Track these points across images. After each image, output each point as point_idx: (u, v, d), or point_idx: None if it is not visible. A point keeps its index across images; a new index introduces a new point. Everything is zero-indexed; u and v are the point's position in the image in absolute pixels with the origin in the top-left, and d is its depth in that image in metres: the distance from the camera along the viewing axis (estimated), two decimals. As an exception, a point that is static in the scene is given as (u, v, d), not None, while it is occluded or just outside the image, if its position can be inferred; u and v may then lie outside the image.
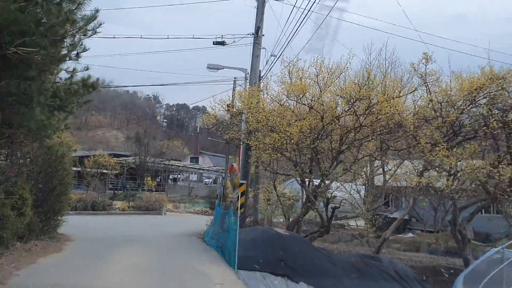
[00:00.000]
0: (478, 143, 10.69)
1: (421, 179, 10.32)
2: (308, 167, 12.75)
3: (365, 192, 17.44)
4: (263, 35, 14.94)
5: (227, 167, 17.24)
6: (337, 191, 15.05)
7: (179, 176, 60.58)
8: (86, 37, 6.97)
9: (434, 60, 11.58)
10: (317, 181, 13.28)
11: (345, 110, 11.63)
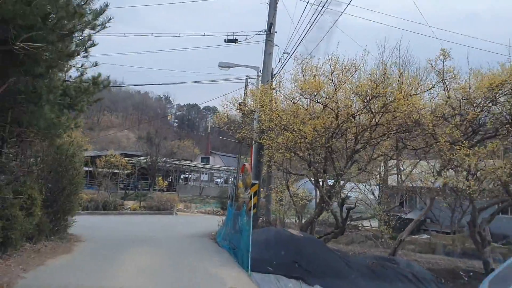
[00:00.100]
0: (499, 142, 10.35)
1: (444, 180, 9.99)
2: (322, 166, 12.46)
3: (379, 192, 17.10)
4: (276, 32, 14.64)
5: (239, 166, 16.98)
6: (352, 192, 14.69)
7: (190, 176, 60.65)
8: (95, 32, 6.78)
9: (452, 57, 11.33)
10: (331, 181, 13.01)
11: (360, 108, 11.31)
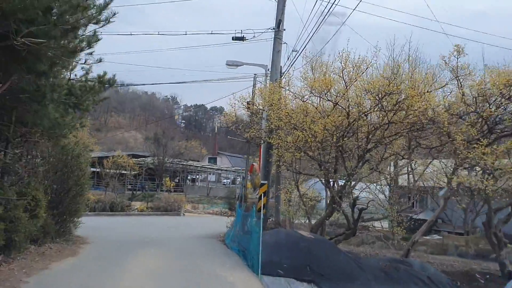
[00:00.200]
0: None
1: (460, 179, 9.65)
2: (333, 166, 12.16)
3: (389, 192, 16.77)
4: (284, 30, 14.32)
5: (248, 167, 16.71)
6: (362, 192, 14.35)
7: (197, 176, 60.53)
8: (99, 27, 6.54)
9: (466, 53, 11.02)
10: (341, 182, 12.72)
11: (372, 106, 10.99)
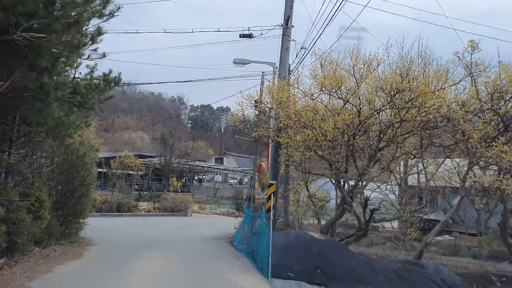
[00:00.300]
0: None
1: (475, 178, 9.32)
2: (344, 166, 11.85)
3: (400, 192, 16.44)
4: (293, 26, 14.04)
5: (256, 166, 16.42)
6: (371, 191, 14.00)
7: (204, 177, 60.35)
8: (103, 21, 6.29)
9: (481, 48, 10.70)
10: (351, 182, 12.41)
11: (385, 104, 10.65)
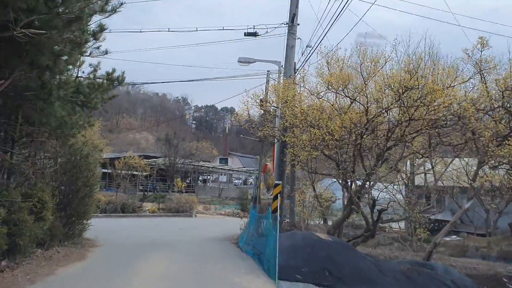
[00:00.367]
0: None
1: (488, 177, 9.10)
2: (351, 166, 11.64)
3: (407, 192, 16.20)
4: (298, 24, 13.81)
5: (261, 166, 16.23)
6: (379, 192, 13.78)
7: (208, 177, 60.21)
8: (105, 17, 6.13)
9: (491, 45, 10.49)
10: (358, 182, 12.20)
11: (393, 102, 10.42)
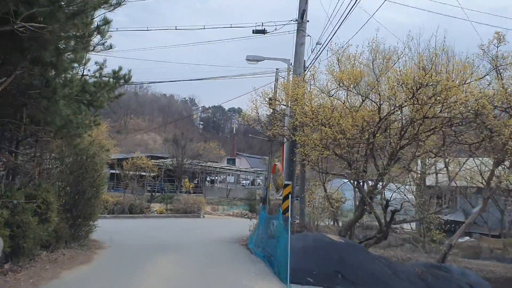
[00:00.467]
0: None
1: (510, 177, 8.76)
2: (363, 165, 11.32)
3: (419, 192, 15.82)
4: (308, 21, 13.52)
5: (270, 166, 15.94)
6: (393, 192, 13.42)
7: (216, 177, 60.02)
8: (109, 10, 5.89)
9: (507, 41, 10.14)
10: (371, 182, 11.88)
11: (407, 99, 10.07)
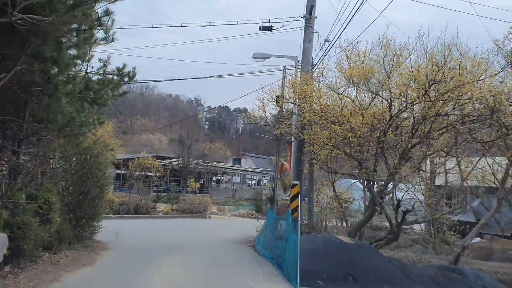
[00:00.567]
0: None
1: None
2: (373, 165, 11.02)
3: (428, 192, 15.48)
4: (316, 17, 13.23)
5: (277, 166, 15.67)
6: (401, 192, 13.09)
7: (222, 178, 59.81)
8: (110, 2, 5.64)
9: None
10: (381, 182, 11.57)
11: (420, 96, 9.75)
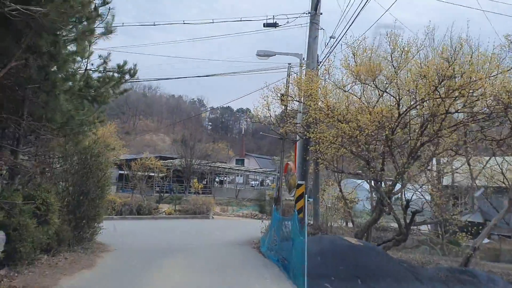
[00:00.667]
0: None
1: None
2: (381, 164, 10.73)
3: (437, 192, 15.18)
4: (321, 14, 12.95)
5: (282, 166, 15.40)
6: (413, 192, 12.78)
7: (225, 178, 59.54)
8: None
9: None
10: (388, 182, 11.29)
11: (429, 93, 9.46)
